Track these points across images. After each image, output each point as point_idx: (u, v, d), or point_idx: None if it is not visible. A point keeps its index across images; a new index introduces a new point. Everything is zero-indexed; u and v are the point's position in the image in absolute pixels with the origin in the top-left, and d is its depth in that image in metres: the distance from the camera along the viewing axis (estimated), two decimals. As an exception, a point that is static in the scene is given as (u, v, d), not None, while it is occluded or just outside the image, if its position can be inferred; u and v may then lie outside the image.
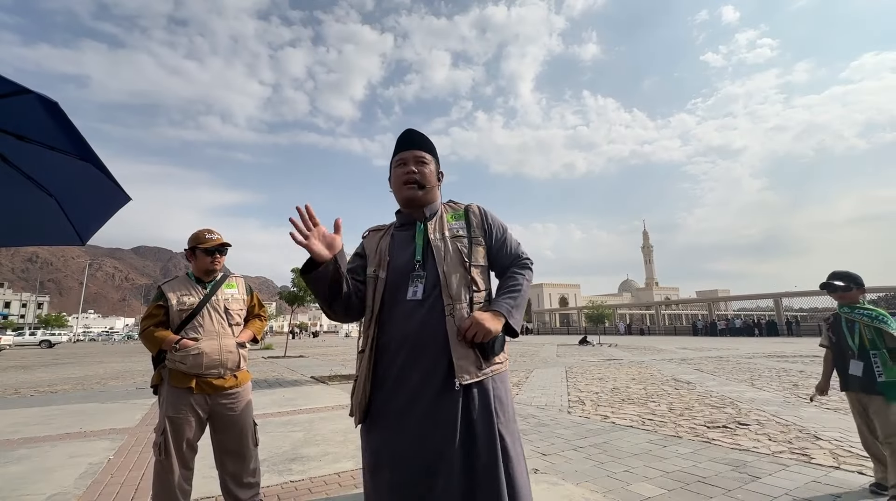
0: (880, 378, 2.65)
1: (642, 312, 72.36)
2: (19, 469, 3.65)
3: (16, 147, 1.66)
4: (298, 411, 6.06)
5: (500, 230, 1.66)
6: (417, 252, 1.54)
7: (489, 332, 1.41)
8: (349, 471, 3.46)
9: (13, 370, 13.97)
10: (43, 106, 1.32)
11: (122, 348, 33.30)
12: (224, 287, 2.65)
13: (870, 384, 2.70)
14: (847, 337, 2.85)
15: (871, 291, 35.51)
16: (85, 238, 2.24)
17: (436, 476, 1.33)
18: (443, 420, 1.36)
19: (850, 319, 2.86)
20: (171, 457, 2.33)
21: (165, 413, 2.38)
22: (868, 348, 2.73)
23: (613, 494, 2.95)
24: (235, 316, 2.64)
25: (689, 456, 3.76)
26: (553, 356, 16.05)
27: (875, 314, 2.73)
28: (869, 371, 2.71)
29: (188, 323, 2.47)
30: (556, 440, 4.39)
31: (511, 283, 1.57)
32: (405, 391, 1.41)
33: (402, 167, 1.60)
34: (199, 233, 2.63)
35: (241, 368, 2.60)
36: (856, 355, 2.78)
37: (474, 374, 1.40)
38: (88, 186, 1.83)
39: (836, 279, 2.90)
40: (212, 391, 2.44)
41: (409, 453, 1.36)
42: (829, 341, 3.04)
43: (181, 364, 2.39)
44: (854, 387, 2.82)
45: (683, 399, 6.60)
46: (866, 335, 2.75)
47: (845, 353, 2.88)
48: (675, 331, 46.80)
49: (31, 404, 7.16)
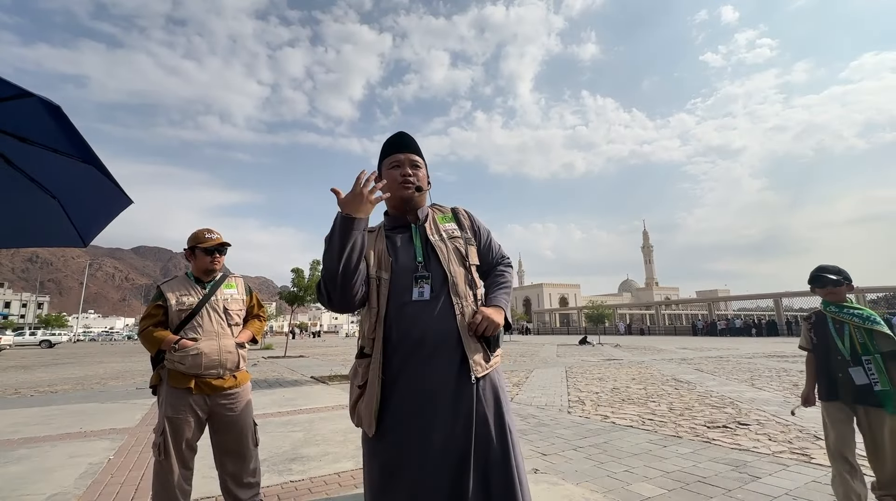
0: (877, 387, 2.34)
1: (642, 312, 72.35)
2: (19, 469, 3.66)
3: (19, 149, 1.67)
4: (298, 411, 6.07)
5: (486, 233, 1.75)
6: (418, 253, 1.56)
7: (497, 325, 1.50)
8: (349, 471, 3.47)
9: (13, 370, 13.98)
10: (46, 109, 1.33)
11: (122, 348, 33.32)
12: (223, 287, 2.65)
13: (867, 394, 2.38)
14: (836, 340, 2.51)
15: (872, 291, 35.49)
16: (87, 240, 2.25)
17: (462, 470, 1.35)
18: (463, 415, 1.39)
19: (839, 319, 2.52)
20: (170, 458, 2.33)
21: (165, 414, 2.38)
22: (860, 353, 2.41)
23: (613, 494, 2.96)
24: (235, 316, 2.63)
25: (689, 456, 3.76)
26: (553, 356, 16.06)
27: (866, 314, 2.44)
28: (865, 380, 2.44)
29: (187, 323, 2.46)
30: (557, 440, 4.40)
31: (501, 280, 1.69)
32: (423, 390, 1.41)
33: (397, 169, 1.60)
34: (199, 232, 2.63)
35: (241, 368, 2.60)
36: (849, 361, 2.46)
37: (484, 367, 1.47)
38: (91, 188, 1.84)
39: (829, 273, 2.58)
40: (211, 392, 2.44)
41: (437, 451, 1.36)
42: (811, 342, 2.68)
43: (180, 365, 2.38)
44: (847, 397, 2.45)
45: (683, 399, 6.60)
46: (857, 338, 2.43)
47: (832, 357, 2.53)
48: (675, 331, 46.82)
49: (32, 404, 7.17)
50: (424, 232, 1.61)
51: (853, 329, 2.45)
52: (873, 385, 2.34)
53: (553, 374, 10.28)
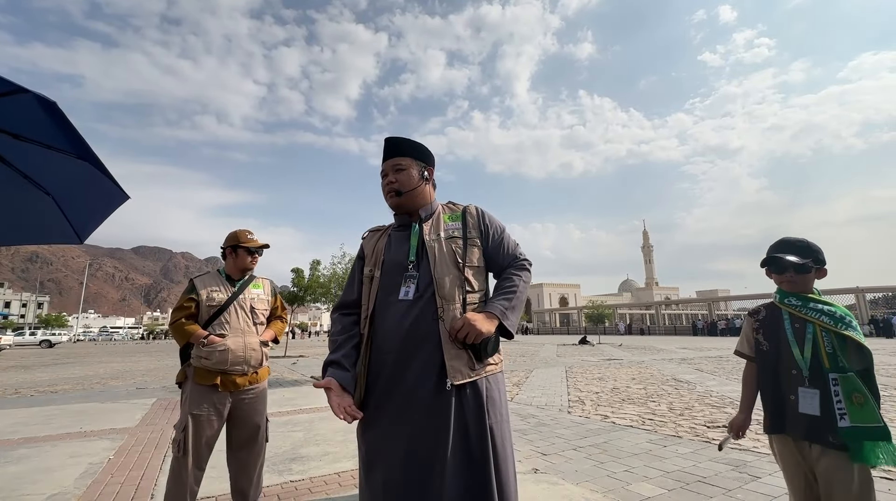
0: (842, 422, 1.55)
1: (642, 312, 72.39)
2: (19, 469, 3.65)
3: (13, 146, 1.66)
4: (298, 411, 6.06)
5: (498, 231, 1.66)
6: (411, 253, 1.55)
7: (480, 333, 1.40)
8: (349, 471, 3.46)
9: (13, 370, 13.98)
10: (41, 105, 1.32)
11: (122, 348, 33.34)
12: (251, 287, 2.75)
13: (825, 429, 1.59)
14: (792, 346, 1.71)
15: (872, 290, 35.42)
16: (83, 237, 2.24)
17: (430, 475, 1.33)
18: (435, 420, 1.37)
19: (800, 317, 1.72)
20: (188, 455, 2.37)
21: (189, 411, 2.42)
22: (826, 368, 1.62)
23: (613, 494, 2.95)
24: (260, 315, 2.74)
25: (689, 456, 3.75)
26: (553, 356, 16.06)
27: (840, 312, 1.66)
28: (826, 408, 1.60)
29: (215, 319, 2.56)
30: (556, 439, 4.39)
31: (507, 284, 1.58)
32: (399, 390, 1.42)
33: (383, 179, 1.64)
34: (240, 232, 2.75)
35: (263, 365, 2.70)
36: (806, 377, 1.66)
37: (467, 375, 1.41)
38: (86, 184, 1.83)
39: (789, 252, 1.77)
40: (234, 388, 2.52)
41: (403, 452, 1.37)
42: (756, 348, 1.86)
43: (206, 360, 2.46)
44: (796, 431, 1.67)
45: (683, 399, 6.59)
46: (824, 345, 1.64)
47: (784, 372, 1.73)
48: (676, 331, 46.85)
49: (32, 404, 7.16)
50: (422, 231, 1.60)
51: (819, 333, 1.67)
52: (837, 418, 1.56)
53: (553, 374, 10.27)
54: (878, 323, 30.95)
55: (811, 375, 1.65)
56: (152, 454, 4.05)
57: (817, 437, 1.62)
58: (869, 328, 30.96)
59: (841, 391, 1.58)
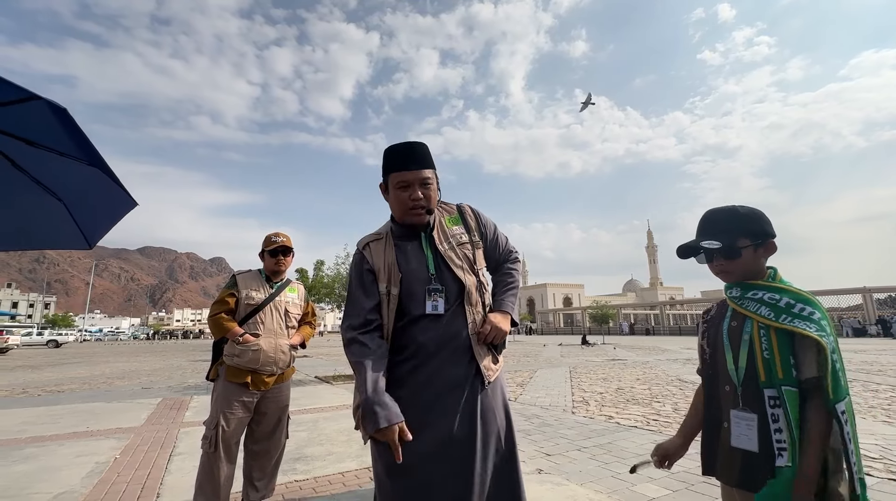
0: (780, 461, 1.11)
1: (647, 312, 72.08)
2: (27, 468, 3.69)
3: (25, 152, 1.69)
4: (303, 410, 6.08)
5: (492, 229, 1.71)
6: (431, 266, 1.52)
7: (505, 333, 1.53)
8: (353, 471, 3.48)
9: (21, 370, 14.10)
10: (52, 112, 1.34)
11: (128, 347, 33.55)
12: (287, 291, 2.83)
13: (763, 472, 1.14)
14: (726, 352, 1.28)
15: (880, 291, 34.97)
16: (92, 243, 2.27)
17: (467, 472, 1.38)
18: (471, 418, 1.42)
19: (740, 312, 1.28)
20: (218, 450, 2.43)
21: (220, 409, 2.48)
22: (762, 380, 1.17)
23: (618, 494, 2.95)
24: (293, 319, 2.81)
25: (693, 457, 3.73)
26: (557, 356, 16.03)
27: (786, 298, 1.19)
28: (765, 440, 1.15)
29: (251, 317, 2.62)
30: (561, 440, 4.39)
31: (508, 280, 1.69)
32: (428, 393, 1.43)
33: (405, 191, 1.48)
34: (267, 236, 2.82)
35: (290, 366, 2.79)
36: (739, 396, 1.22)
37: (494, 371, 1.51)
38: (96, 190, 1.85)
39: (709, 232, 1.32)
40: (264, 387, 2.59)
41: (440, 454, 1.39)
42: (701, 357, 1.42)
43: (238, 358, 2.52)
44: (728, 475, 1.24)
45: (688, 400, 6.57)
46: (761, 347, 1.18)
47: (720, 388, 1.29)
48: (680, 331, 46.58)
49: (39, 403, 7.23)
50: (433, 241, 1.55)
51: (756, 332, 1.21)
52: (776, 454, 1.12)
53: (557, 374, 10.26)
54: (886, 323, 30.69)
55: (744, 392, 1.20)
56: (158, 453, 4.09)
57: (753, 485, 1.14)
58: (876, 329, 30.69)
59: (781, 415, 1.13)
